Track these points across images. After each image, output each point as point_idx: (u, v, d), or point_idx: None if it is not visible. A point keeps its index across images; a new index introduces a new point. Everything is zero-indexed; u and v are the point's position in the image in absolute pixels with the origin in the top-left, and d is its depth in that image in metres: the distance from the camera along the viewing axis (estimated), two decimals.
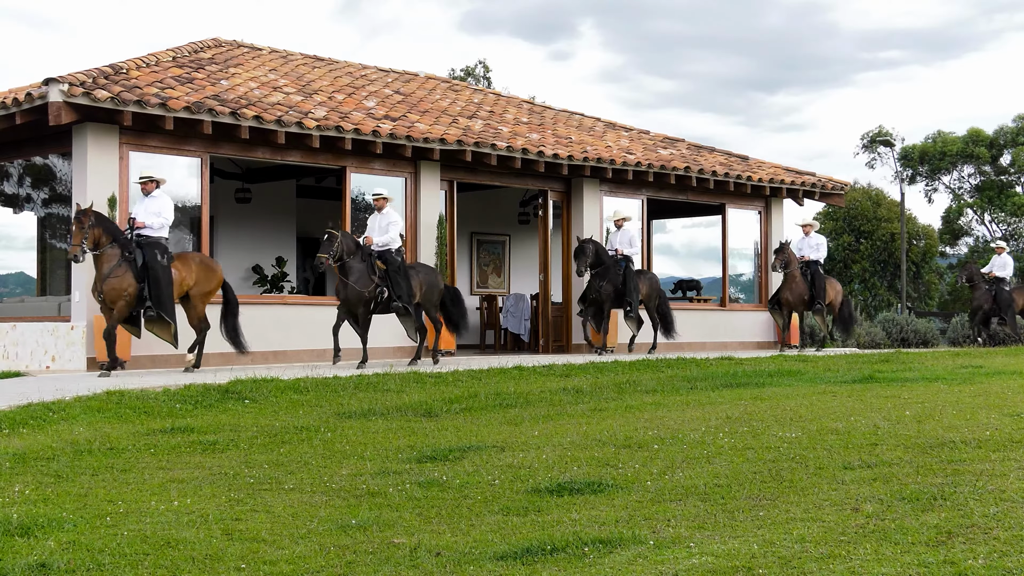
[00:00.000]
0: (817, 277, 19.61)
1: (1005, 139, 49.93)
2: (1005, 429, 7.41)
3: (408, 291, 14.61)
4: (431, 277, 15.28)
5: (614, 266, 17.87)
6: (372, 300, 14.36)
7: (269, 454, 7.65)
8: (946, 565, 4.21)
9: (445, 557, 4.74)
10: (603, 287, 17.67)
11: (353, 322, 14.45)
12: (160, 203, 13.36)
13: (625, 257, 18.09)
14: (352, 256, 14.24)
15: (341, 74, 20.22)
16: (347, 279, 14.19)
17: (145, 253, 13.05)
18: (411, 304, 14.64)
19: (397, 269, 14.58)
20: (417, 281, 14.93)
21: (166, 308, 13.06)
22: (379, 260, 14.56)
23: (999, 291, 22.93)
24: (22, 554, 4.87)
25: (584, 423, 8.86)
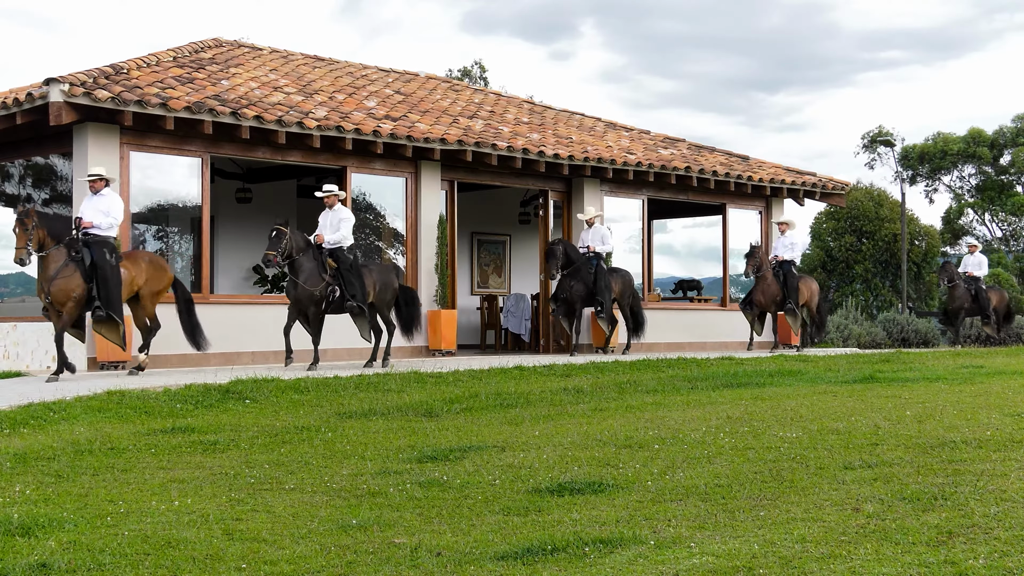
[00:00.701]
0: (790, 277, 19.37)
1: (1005, 139, 49.92)
2: (1006, 429, 7.41)
3: (362, 290, 14.14)
4: (386, 276, 14.81)
5: (585, 265, 17.65)
6: (324, 299, 13.91)
7: (270, 454, 7.65)
8: (947, 565, 4.21)
9: (445, 557, 4.74)
10: (574, 286, 17.51)
11: (304, 322, 14.00)
12: (109, 202, 12.92)
13: (596, 255, 17.86)
14: (302, 254, 13.79)
15: (342, 74, 20.22)
16: (297, 278, 13.72)
17: (93, 252, 12.57)
18: (365, 304, 14.19)
19: (349, 267, 14.12)
20: (371, 280, 14.47)
21: (115, 308, 12.60)
22: (330, 258, 14.10)
23: (978, 291, 22.70)
24: (23, 554, 4.87)
25: (585, 423, 8.86)
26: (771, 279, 19.19)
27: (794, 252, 19.71)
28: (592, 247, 17.86)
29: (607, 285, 17.69)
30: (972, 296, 22.67)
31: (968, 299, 22.61)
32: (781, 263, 19.46)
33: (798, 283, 19.46)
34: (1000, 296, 23.53)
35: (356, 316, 14.33)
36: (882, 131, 51.90)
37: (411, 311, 15.21)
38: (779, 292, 19.21)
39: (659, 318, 20.32)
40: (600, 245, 17.93)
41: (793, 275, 19.45)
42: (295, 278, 13.71)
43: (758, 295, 19.20)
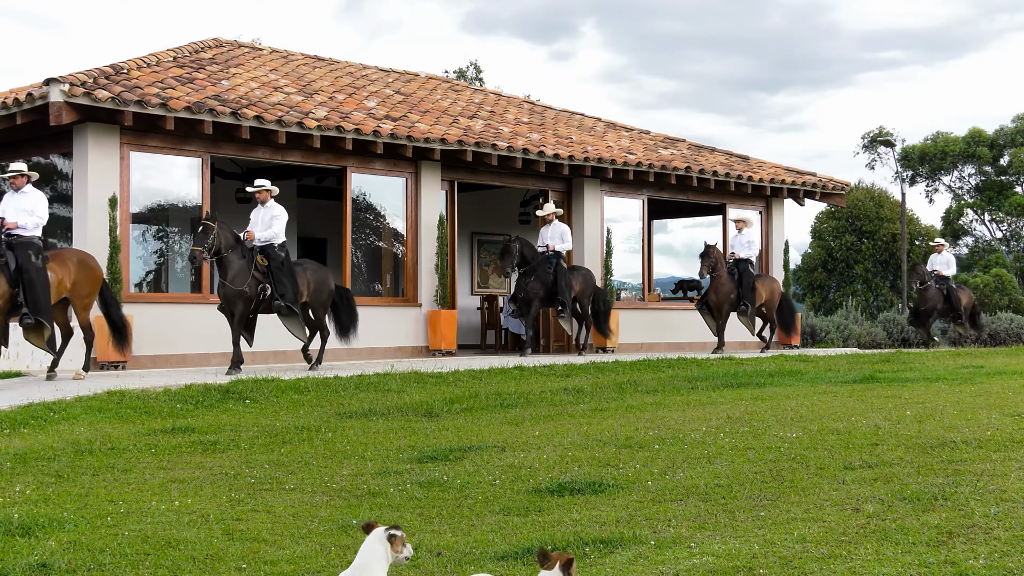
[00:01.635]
0: (745, 276, 18.75)
1: (1005, 139, 49.91)
2: (1006, 429, 7.41)
3: (293, 290, 13.52)
4: (320, 275, 14.19)
5: (543, 263, 17.13)
6: (254, 298, 13.24)
7: (270, 454, 7.65)
8: (947, 565, 4.21)
9: (446, 557, 4.74)
10: (531, 285, 17.01)
11: (232, 321, 13.29)
12: (32, 200, 12.35)
13: (556, 253, 17.32)
14: (230, 250, 13.09)
15: (342, 74, 20.22)
16: (224, 276, 13.07)
17: (18, 255, 11.92)
18: (297, 304, 13.58)
19: (280, 266, 13.48)
20: (304, 279, 13.87)
21: (44, 313, 12.00)
22: (261, 255, 13.41)
23: (950, 291, 22.16)
24: (23, 554, 4.87)
25: (585, 423, 8.86)
26: (726, 279, 18.58)
27: (751, 250, 19.08)
28: (551, 245, 17.35)
29: (567, 284, 17.23)
30: (944, 297, 22.12)
31: (940, 300, 22.06)
32: (737, 261, 18.87)
33: (755, 282, 18.88)
34: (968, 297, 22.92)
35: (285, 316, 13.70)
36: (882, 131, 51.90)
37: (348, 313, 14.59)
38: (733, 291, 18.64)
39: (659, 318, 20.34)
40: (559, 243, 17.44)
41: (749, 274, 18.87)
42: (222, 276, 13.10)
43: (711, 295, 18.65)
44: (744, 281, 18.70)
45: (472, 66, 46.69)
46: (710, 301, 18.72)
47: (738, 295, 18.66)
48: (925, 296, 22.07)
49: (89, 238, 14.05)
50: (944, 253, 22.57)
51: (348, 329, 14.61)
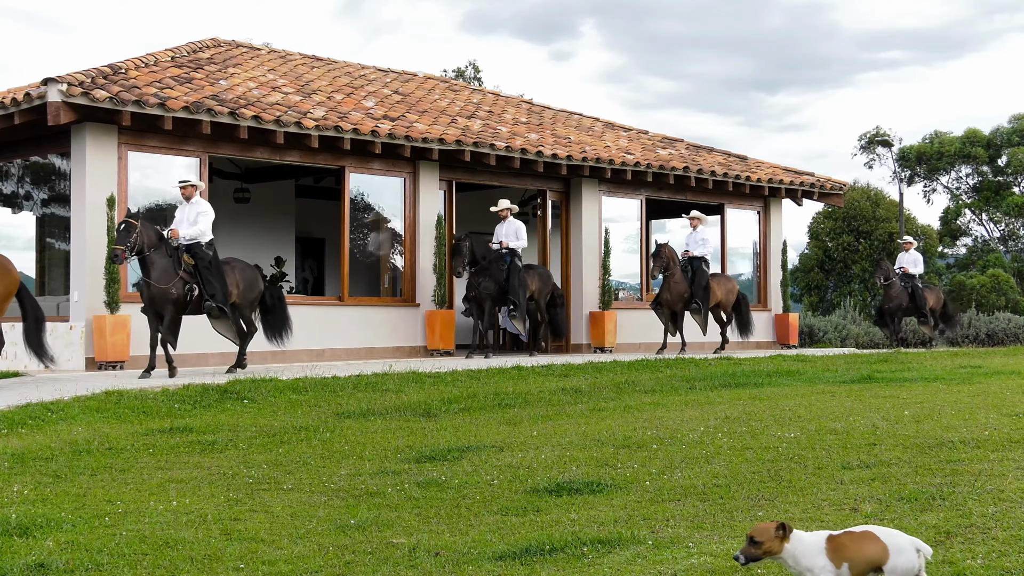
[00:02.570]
0: (699, 275, 18.28)
1: (1002, 140, 49.94)
2: (1004, 429, 7.42)
3: (223, 290, 13.02)
4: (249, 275, 13.66)
5: (497, 262, 16.69)
6: (181, 299, 12.71)
7: (268, 454, 7.65)
8: (945, 565, 4.21)
9: (444, 557, 4.74)
10: (483, 284, 16.57)
11: (159, 324, 12.69)
12: None
13: (510, 251, 16.84)
14: (154, 249, 12.55)
15: (340, 74, 20.22)
16: (148, 276, 12.53)
17: None
18: (226, 304, 13.06)
19: (208, 265, 12.95)
20: (233, 279, 13.35)
21: None
22: (187, 254, 12.90)
23: (915, 288, 21.64)
24: (21, 554, 4.87)
25: (583, 423, 8.86)
26: (679, 277, 18.15)
27: (706, 248, 18.55)
28: (505, 243, 16.87)
29: (521, 283, 16.80)
30: (909, 295, 21.59)
31: (905, 298, 21.54)
32: (691, 259, 18.37)
33: (708, 281, 18.40)
34: (937, 296, 22.44)
35: (215, 318, 13.25)
36: (880, 131, 51.94)
37: (278, 313, 14.05)
38: (686, 289, 18.19)
39: (657, 318, 20.31)
40: (514, 240, 16.92)
41: (703, 272, 18.37)
42: (146, 276, 12.55)
43: (665, 294, 18.26)
44: (697, 280, 18.28)
45: (471, 66, 46.69)
46: (663, 300, 18.34)
47: (691, 294, 18.26)
48: (889, 294, 21.65)
49: (87, 238, 14.05)
50: (912, 251, 22.08)
51: (279, 331, 14.07)
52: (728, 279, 19.57)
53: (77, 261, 14.24)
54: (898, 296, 21.48)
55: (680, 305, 18.32)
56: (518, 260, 16.91)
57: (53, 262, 17.02)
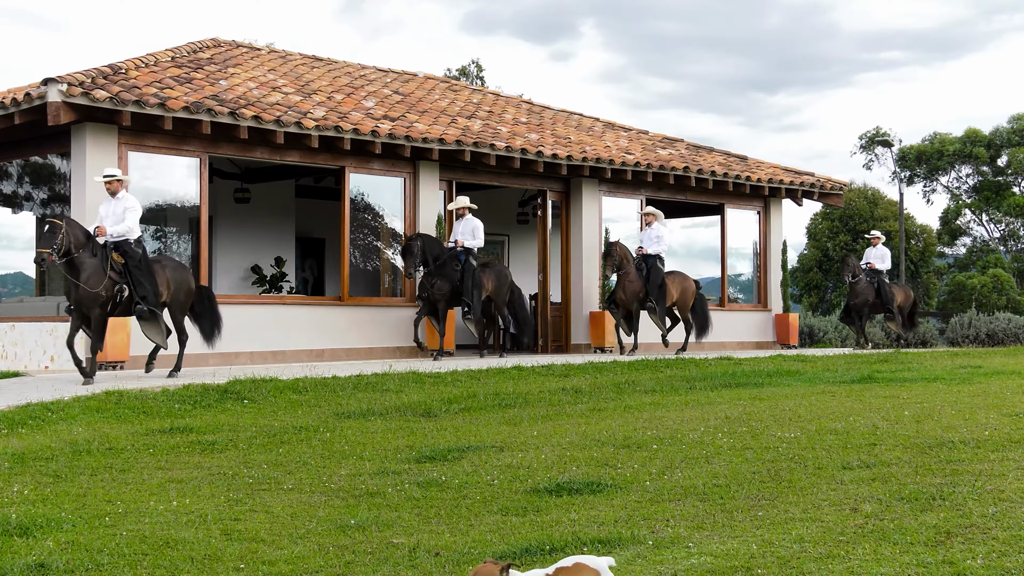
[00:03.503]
0: (653, 273, 17.77)
1: (1002, 140, 49.94)
2: (1004, 429, 7.42)
3: (153, 290, 12.40)
4: (180, 274, 13.01)
5: (450, 261, 16.09)
6: (110, 301, 12.12)
7: (268, 454, 7.65)
8: (945, 565, 4.21)
9: (444, 557, 4.74)
10: (437, 285, 15.97)
11: (86, 328, 12.19)
12: None
13: (465, 250, 16.26)
14: (82, 249, 11.91)
15: (340, 74, 20.22)
16: (77, 278, 11.86)
17: None
18: (158, 305, 12.49)
19: (139, 264, 12.31)
20: (164, 278, 12.70)
21: None
22: (116, 253, 12.28)
23: (881, 284, 21.22)
24: (21, 554, 4.87)
25: (583, 423, 8.86)
26: (634, 276, 17.65)
27: (660, 245, 17.98)
28: (460, 241, 16.31)
29: (476, 283, 16.25)
30: (875, 291, 21.15)
31: (871, 293, 21.10)
32: (645, 257, 17.86)
33: (664, 280, 17.88)
34: (905, 294, 22.04)
35: (145, 320, 12.55)
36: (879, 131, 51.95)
37: (210, 314, 13.46)
38: (642, 288, 17.71)
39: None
40: (470, 239, 16.35)
41: (658, 271, 17.86)
42: (75, 278, 11.88)
43: (619, 292, 17.70)
44: (652, 278, 17.78)
45: (474, 64, 46.70)
46: (618, 299, 17.82)
47: (646, 293, 17.78)
48: (856, 290, 21.19)
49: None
50: (879, 247, 21.63)
51: (211, 332, 13.48)
52: (685, 277, 18.86)
53: None
54: (864, 292, 21.09)
55: (635, 305, 17.87)
56: (473, 260, 16.36)
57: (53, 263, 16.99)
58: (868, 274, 21.25)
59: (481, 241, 16.57)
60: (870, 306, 21.28)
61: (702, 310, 18.86)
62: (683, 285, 18.54)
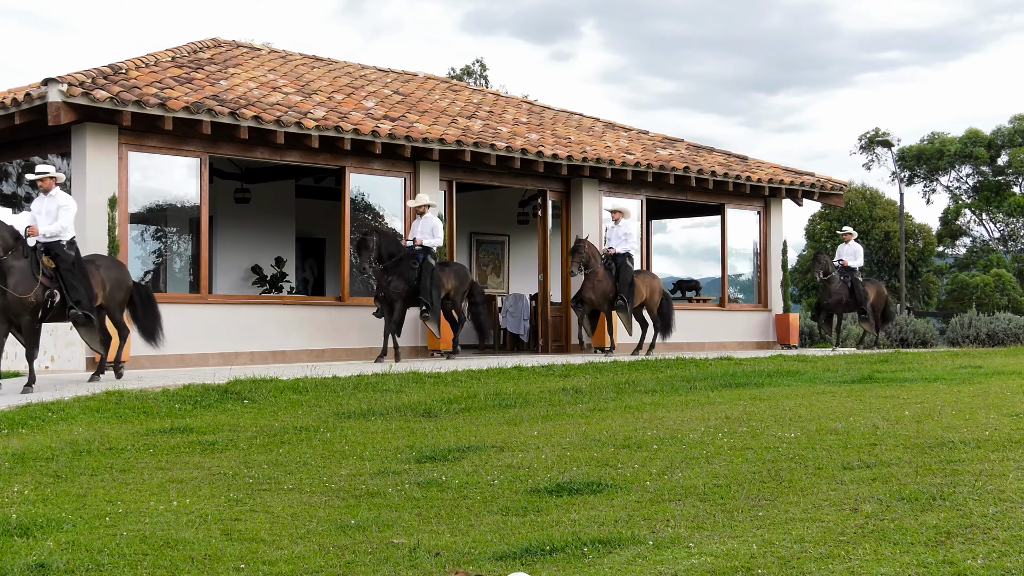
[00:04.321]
0: (622, 271, 17.34)
1: (1002, 140, 49.95)
2: (1004, 429, 7.42)
3: (88, 293, 11.71)
4: (116, 273, 12.33)
5: (407, 259, 15.56)
6: (40, 306, 11.42)
7: (268, 454, 7.65)
8: (945, 565, 4.21)
9: (444, 557, 4.74)
10: (393, 283, 15.41)
11: (17, 334, 11.60)
12: None
13: (424, 248, 15.74)
14: (10, 252, 11.21)
15: (340, 74, 20.22)
16: (5, 283, 11.13)
17: None
18: (92, 310, 11.77)
19: (71, 267, 11.59)
20: (99, 279, 11.99)
21: None
22: (46, 256, 11.59)
23: (855, 283, 20.46)
24: (21, 554, 4.87)
25: (583, 423, 8.86)
26: (602, 274, 17.21)
27: (629, 243, 17.66)
28: (418, 239, 15.78)
29: (435, 282, 15.63)
30: (849, 290, 20.37)
31: (845, 293, 20.33)
32: (614, 256, 17.46)
33: (633, 279, 17.49)
34: (878, 291, 21.29)
35: (81, 325, 11.92)
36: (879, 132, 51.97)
37: (149, 312, 12.78)
38: (611, 288, 17.26)
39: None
40: (429, 237, 15.83)
41: (627, 269, 17.43)
42: (2, 283, 11.14)
43: (587, 292, 17.26)
44: (621, 277, 17.33)
45: (478, 63, 46.72)
46: (585, 299, 17.39)
47: (616, 292, 17.31)
48: (829, 289, 20.40)
49: (88, 239, 14.04)
50: (852, 243, 20.96)
51: (152, 331, 12.81)
52: (654, 277, 18.61)
53: None
54: (838, 292, 20.33)
55: (604, 305, 17.45)
56: (431, 259, 15.85)
57: None
58: (841, 272, 20.52)
59: (440, 240, 16.15)
60: (844, 306, 20.64)
61: (668, 310, 18.45)
62: (652, 284, 18.27)
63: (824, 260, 20.48)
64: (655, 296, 18.17)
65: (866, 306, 20.60)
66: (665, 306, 18.35)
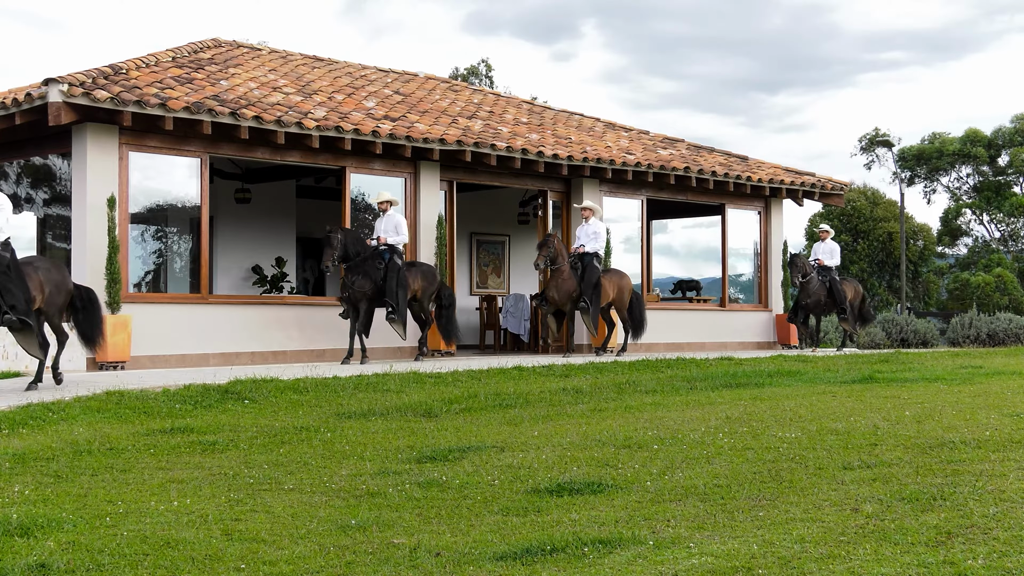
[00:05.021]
0: (589, 271, 16.81)
1: (1003, 140, 49.94)
2: (1005, 429, 7.41)
3: (25, 296, 11.02)
4: (55, 275, 11.64)
5: (373, 259, 15.19)
6: None
7: (269, 454, 7.65)
8: (946, 565, 4.21)
9: (445, 557, 4.74)
10: (357, 283, 15.01)
11: None
12: None
13: (389, 247, 15.40)
14: None
15: (341, 74, 20.22)
16: None
17: None
18: (30, 315, 11.07)
19: (7, 270, 10.89)
20: (36, 282, 11.28)
21: None
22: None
23: (832, 282, 19.94)
24: (22, 554, 4.87)
25: (584, 423, 8.86)
26: (567, 273, 16.68)
27: (598, 242, 17.12)
28: (383, 238, 15.43)
29: (401, 282, 15.25)
30: (827, 290, 19.87)
31: (823, 293, 19.81)
32: (581, 255, 17.00)
33: (599, 279, 16.90)
34: (855, 290, 20.72)
35: (17, 331, 11.26)
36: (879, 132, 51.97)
37: (90, 316, 12.09)
38: (575, 287, 16.74)
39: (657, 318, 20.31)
40: (394, 235, 15.46)
41: (594, 269, 16.88)
42: None
43: (551, 291, 16.74)
44: (586, 277, 16.79)
45: (483, 63, 46.72)
46: (550, 298, 16.83)
47: (580, 292, 16.80)
48: (807, 290, 19.73)
49: (88, 238, 14.05)
50: (828, 241, 20.43)
51: (91, 337, 12.16)
52: (622, 276, 17.95)
53: (78, 262, 14.24)
54: (816, 292, 19.74)
55: (568, 305, 16.86)
56: (397, 258, 15.41)
57: None
58: (818, 272, 20.00)
59: (405, 237, 15.68)
60: (823, 306, 20.14)
61: (639, 310, 17.96)
62: (620, 284, 17.69)
63: (801, 262, 19.94)
64: (624, 296, 17.69)
65: (845, 304, 20.13)
66: (635, 306, 17.90)
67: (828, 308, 20.31)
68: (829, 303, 20.08)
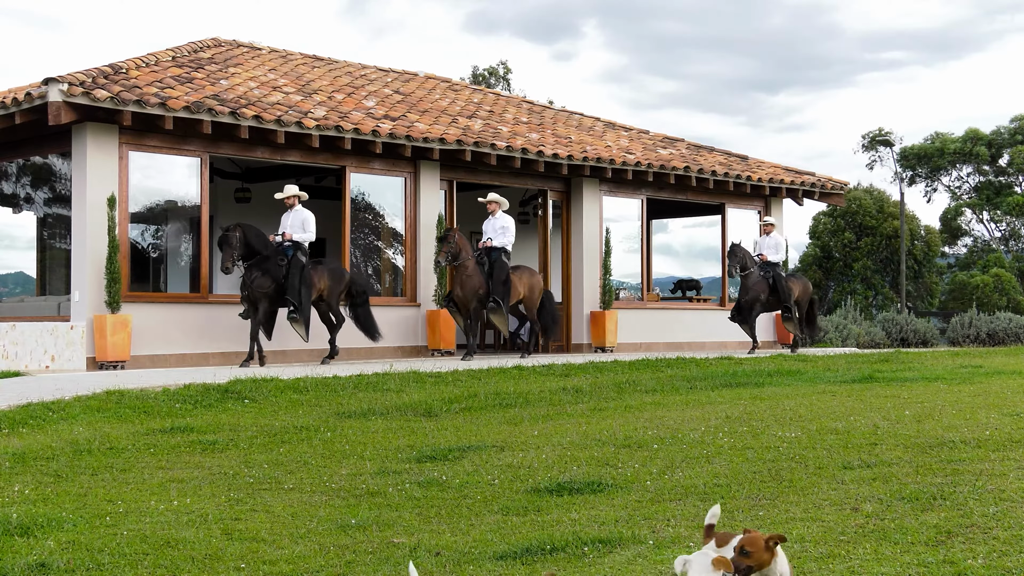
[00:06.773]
0: (497, 268, 16.06)
1: (1003, 139, 49.93)
2: (1005, 429, 7.41)
3: None
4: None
5: (275, 256, 14.52)
6: None
7: (269, 454, 7.65)
8: (945, 565, 4.21)
9: (445, 557, 4.74)
10: (257, 281, 14.28)
11: None
12: None
13: (294, 244, 14.73)
14: None
15: (341, 74, 20.22)
16: None
17: None
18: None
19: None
20: None
21: None
22: None
23: (776, 278, 18.65)
24: (22, 554, 4.87)
25: (584, 423, 8.86)
26: (472, 269, 15.93)
27: (506, 237, 16.37)
28: (288, 234, 14.81)
29: (305, 281, 14.56)
30: (769, 286, 18.61)
31: (764, 289, 18.51)
32: (488, 251, 16.26)
33: (508, 276, 16.23)
34: (803, 287, 19.32)
35: None
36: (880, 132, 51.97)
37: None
38: (482, 285, 15.96)
39: (658, 318, 20.33)
40: (300, 232, 14.84)
41: (502, 265, 16.16)
42: None
43: (456, 289, 16.02)
44: (495, 274, 15.99)
45: (502, 65, 46.76)
46: (456, 297, 16.05)
47: (488, 290, 16.01)
48: (747, 285, 18.55)
49: (88, 238, 14.05)
50: (773, 235, 19.07)
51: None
52: (532, 273, 17.18)
53: (78, 261, 14.25)
54: (756, 288, 18.47)
55: (475, 303, 15.98)
56: (301, 255, 14.71)
57: (54, 262, 17.03)
58: (761, 267, 18.69)
59: (312, 235, 14.96)
60: (763, 303, 18.74)
61: (551, 308, 17.26)
62: (531, 282, 16.91)
63: (741, 253, 18.60)
64: (534, 294, 16.93)
65: (790, 303, 18.77)
66: (547, 305, 17.19)
67: (770, 306, 19.05)
68: (772, 300, 18.83)
